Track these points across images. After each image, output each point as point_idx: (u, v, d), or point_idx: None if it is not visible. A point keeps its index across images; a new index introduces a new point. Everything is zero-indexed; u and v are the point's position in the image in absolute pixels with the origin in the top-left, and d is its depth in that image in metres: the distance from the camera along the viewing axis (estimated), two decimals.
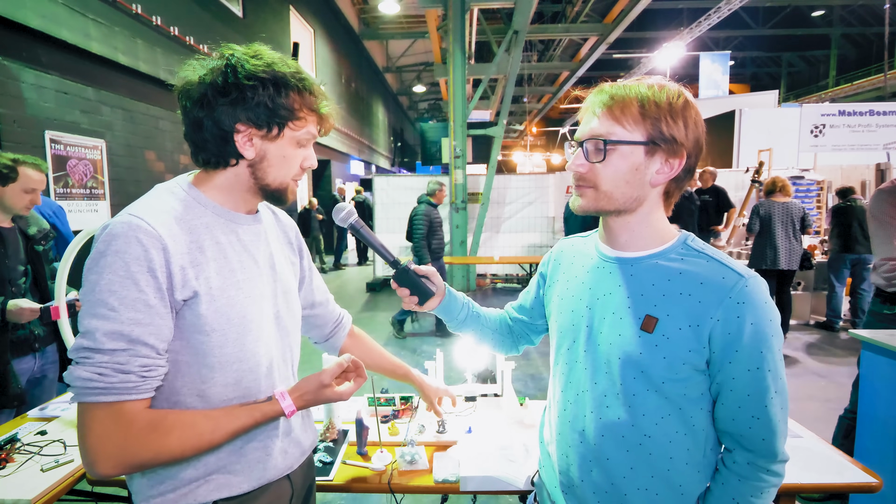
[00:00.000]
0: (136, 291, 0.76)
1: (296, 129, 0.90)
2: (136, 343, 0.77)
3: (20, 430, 1.65)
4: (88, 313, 0.76)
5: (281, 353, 0.98)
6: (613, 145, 0.83)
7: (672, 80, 0.88)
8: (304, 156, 0.94)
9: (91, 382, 0.75)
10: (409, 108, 26.85)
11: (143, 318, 0.77)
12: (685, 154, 0.83)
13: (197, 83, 0.85)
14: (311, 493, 1.11)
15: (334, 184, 12.78)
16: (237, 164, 0.90)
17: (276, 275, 0.98)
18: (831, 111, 7.98)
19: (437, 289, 1.07)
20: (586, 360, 0.91)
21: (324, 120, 0.95)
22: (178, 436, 0.80)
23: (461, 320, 1.13)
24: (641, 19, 11.11)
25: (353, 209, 1.04)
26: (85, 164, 4.48)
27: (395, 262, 1.04)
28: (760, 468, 0.82)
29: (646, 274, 0.86)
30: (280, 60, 0.88)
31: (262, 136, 0.88)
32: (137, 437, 0.77)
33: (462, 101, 7.27)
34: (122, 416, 0.77)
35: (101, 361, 0.75)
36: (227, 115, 0.85)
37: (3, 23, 3.66)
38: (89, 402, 0.76)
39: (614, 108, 0.82)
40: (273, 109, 0.86)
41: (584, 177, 0.87)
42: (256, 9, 8.18)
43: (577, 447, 0.91)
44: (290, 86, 0.87)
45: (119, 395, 0.76)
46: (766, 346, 0.79)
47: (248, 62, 0.85)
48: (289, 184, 0.93)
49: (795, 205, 4.76)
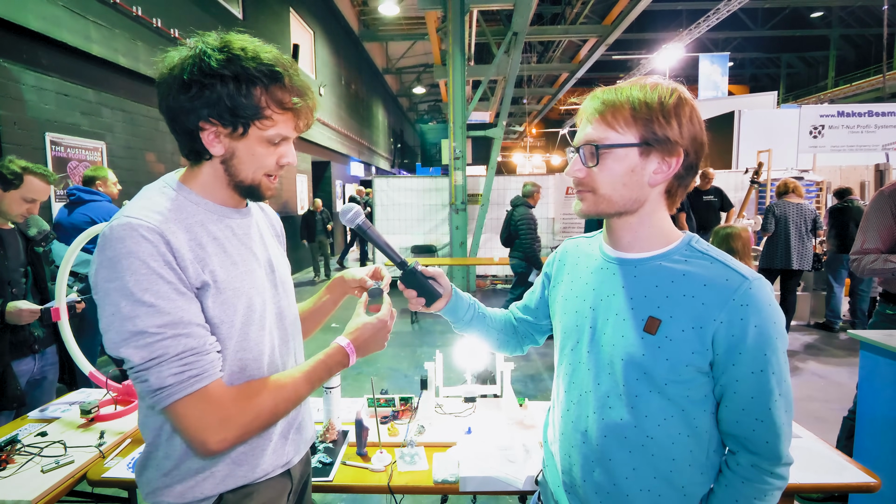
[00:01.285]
0: (164, 283, 0.77)
1: (263, 128, 0.85)
2: (191, 326, 0.79)
3: (20, 431, 1.65)
4: (129, 317, 0.74)
5: (283, 341, 0.99)
6: (607, 149, 0.83)
7: (672, 80, 0.88)
8: (279, 153, 0.89)
9: (184, 374, 0.77)
10: (409, 109, 26.87)
11: (183, 304, 0.78)
12: (682, 152, 0.83)
13: (166, 76, 0.83)
14: (307, 488, 1.12)
15: (334, 185, 12.80)
16: (211, 159, 0.88)
17: (272, 265, 0.99)
18: (830, 112, 7.99)
19: (443, 290, 1.08)
20: (590, 360, 0.91)
21: (299, 117, 0.88)
22: (268, 394, 0.85)
23: (467, 321, 1.14)
24: (640, 21, 11.13)
25: (360, 210, 1.05)
26: (85, 165, 4.48)
27: (402, 262, 1.04)
28: (764, 471, 0.82)
29: (649, 275, 0.86)
30: (252, 52, 0.82)
31: (227, 135, 0.84)
32: (234, 406, 0.81)
33: (462, 102, 7.28)
34: (213, 395, 0.79)
35: (177, 353, 0.76)
36: (191, 111, 0.82)
37: (4, 25, 3.67)
38: (182, 397, 0.77)
39: (606, 113, 0.83)
40: (233, 108, 0.81)
41: (582, 181, 0.88)
42: (256, 11, 8.19)
43: (580, 447, 0.91)
44: (254, 81, 0.82)
45: (211, 376, 0.79)
46: (770, 348, 0.79)
47: (213, 56, 0.80)
48: (261, 180, 0.90)
49: (808, 206, 4.81)
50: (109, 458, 1.52)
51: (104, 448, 1.56)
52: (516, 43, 7.95)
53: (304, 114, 0.89)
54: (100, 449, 1.55)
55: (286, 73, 0.84)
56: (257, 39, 0.86)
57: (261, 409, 0.83)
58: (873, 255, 2.18)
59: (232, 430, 0.79)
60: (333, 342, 0.97)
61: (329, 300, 1.20)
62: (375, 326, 1.01)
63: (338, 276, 1.19)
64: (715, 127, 8.99)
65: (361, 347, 0.99)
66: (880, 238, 2.18)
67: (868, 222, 2.22)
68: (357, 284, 1.15)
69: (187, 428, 0.78)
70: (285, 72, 0.84)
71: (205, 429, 0.77)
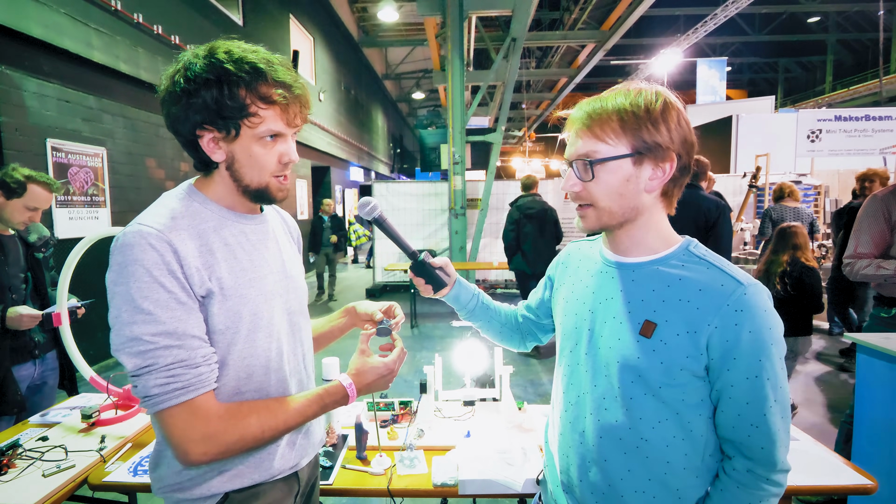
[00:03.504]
0: (165, 293, 0.78)
1: (253, 126, 0.85)
2: (184, 337, 0.79)
3: (21, 436, 1.65)
4: (127, 323, 0.77)
5: (292, 348, 0.99)
6: (600, 163, 0.84)
7: (668, 85, 0.88)
8: (279, 152, 0.89)
9: (169, 385, 0.78)
10: (409, 114, 26.96)
11: (181, 315, 0.79)
12: (674, 156, 0.84)
13: (163, 91, 0.85)
14: (314, 491, 1.13)
15: (334, 190, 12.82)
16: (218, 167, 0.89)
17: (286, 271, 1.00)
18: (828, 116, 8.05)
19: (450, 279, 1.14)
20: (587, 362, 0.92)
21: (287, 110, 0.87)
22: (256, 418, 0.84)
23: (470, 310, 1.19)
24: (639, 26, 11.23)
25: (377, 203, 1.08)
26: (86, 171, 4.50)
27: (413, 253, 1.10)
28: (760, 477, 0.82)
29: (646, 279, 0.87)
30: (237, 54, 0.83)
31: (223, 139, 0.85)
32: (219, 423, 0.81)
33: (461, 107, 7.31)
34: (200, 409, 0.80)
35: (166, 364, 0.77)
36: (185, 120, 0.84)
37: (6, 32, 3.70)
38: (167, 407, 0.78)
39: (594, 126, 0.84)
40: (217, 110, 0.82)
41: (580, 196, 0.89)
42: (256, 17, 8.24)
43: (577, 448, 0.93)
44: (237, 82, 0.82)
45: (197, 389, 0.80)
46: (765, 354, 0.79)
47: (197, 63, 0.82)
48: (269, 182, 0.90)
49: (805, 210, 4.83)
50: (110, 462, 1.53)
51: (105, 452, 1.56)
52: (515, 48, 7.99)
53: (292, 107, 0.87)
54: (101, 453, 1.55)
55: (269, 68, 0.84)
56: (251, 45, 0.87)
57: (245, 433, 0.83)
58: (866, 259, 2.19)
59: (213, 447, 0.80)
60: (335, 379, 0.97)
61: (338, 326, 1.20)
62: (380, 372, 0.99)
63: (351, 305, 1.18)
64: (713, 131, 9.03)
65: (363, 389, 0.98)
66: (873, 242, 2.18)
67: (861, 226, 2.23)
68: (368, 318, 1.12)
69: (170, 437, 0.80)
70: (269, 67, 0.84)
71: (187, 441, 0.79)
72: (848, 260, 2.24)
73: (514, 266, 4.89)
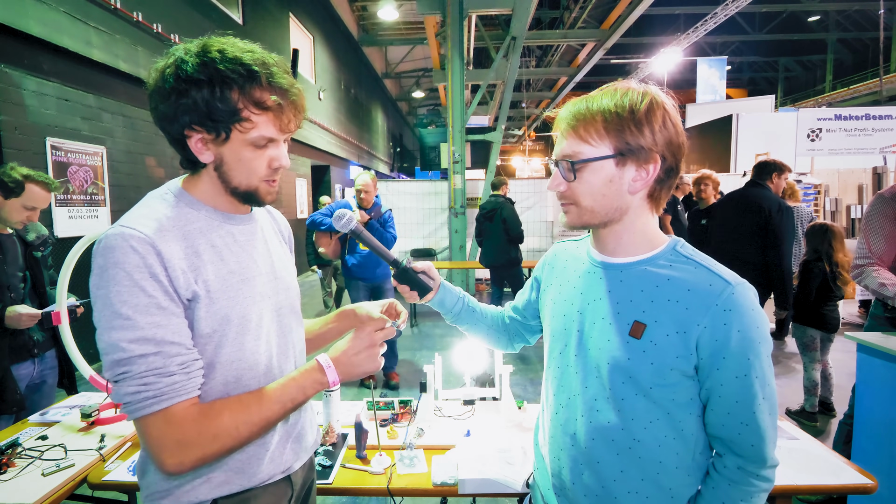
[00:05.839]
0: (145, 297, 0.76)
1: (244, 131, 0.82)
2: (162, 344, 0.77)
3: (21, 435, 1.66)
4: (107, 328, 0.76)
5: (282, 350, 0.97)
6: (582, 164, 0.84)
7: (668, 84, 0.88)
8: (269, 157, 0.86)
9: (140, 395, 0.76)
10: (409, 113, 26.95)
11: (160, 321, 0.77)
12: (658, 158, 0.83)
13: (152, 86, 0.82)
14: (310, 494, 1.11)
15: (334, 189, 12.81)
16: (206, 167, 0.87)
17: (275, 272, 0.97)
18: (828, 115, 8.03)
19: (434, 283, 1.13)
20: (577, 364, 0.92)
21: (281, 117, 0.84)
22: (228, 415, 0.81)
23: (456, 313, 1.18)
24: (639, 25, 11.21)
25: (353, 215, 1.08)
26: (85, 170, 4.50)
27: (395, 261, 1.09)
28: (750, 473, 0.83)
29: (635, 280, 0.87)
30: (231, 54, 0.80)
31: (212, 141, 0.82)
32: (192, 428, 0.78)
33: (461, 106, 7.31)
34: (175, 417, 0.77)
35: (139, 372, 0.76)
36: (174, 119, 0.81)
37: (5, 30, 3.69)
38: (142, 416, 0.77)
39: (578, 127, 0.84)
40: (208, 113, 0.79)
41: (564, 195, 0.90)
42: (256, 16, 8.23)
43: (569, 450, 0.92)
44: (229, 84, 0.79)
45: (171, 398, 0.77)
46: (754, 352, 0.79)
47: (189, 62, 0.78)
48: (258, 185, 0.87)
49: (805, 209, 4.81)
50: (110, 461, 1.53)
51: (105, 451, 1.56)
52: (515, 47, 7.98)
53: (286, 113, 0.84)
54: (100, 452, 1.56)
55: (264, 71, 0.81)
56: (246, 42, 0.84)
57: (219, 431, 0.79)
58: (875, 266, 2.16)
59: (189, 454, 0.78)
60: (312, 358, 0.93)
61: (334, 329, 1.16)
62: (359, 346, 0.92)
63: (349, 307, 1.12)
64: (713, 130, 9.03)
65: (346, 364, 0.91)
66: (885, 242, 2.16)
67: (871, 226, 2.20)
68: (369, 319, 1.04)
69: (147, 446, 0.78)
70: (264, 70, 0.81)
71: (162, 450, 0.77)
72: (862, 261, 2.21)
73: (480, 261, 5.46)
